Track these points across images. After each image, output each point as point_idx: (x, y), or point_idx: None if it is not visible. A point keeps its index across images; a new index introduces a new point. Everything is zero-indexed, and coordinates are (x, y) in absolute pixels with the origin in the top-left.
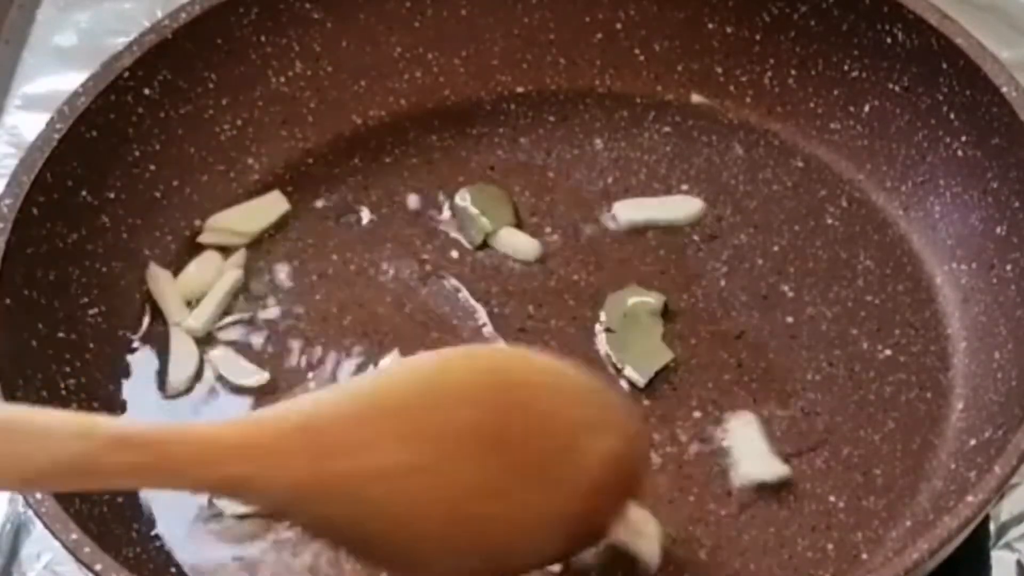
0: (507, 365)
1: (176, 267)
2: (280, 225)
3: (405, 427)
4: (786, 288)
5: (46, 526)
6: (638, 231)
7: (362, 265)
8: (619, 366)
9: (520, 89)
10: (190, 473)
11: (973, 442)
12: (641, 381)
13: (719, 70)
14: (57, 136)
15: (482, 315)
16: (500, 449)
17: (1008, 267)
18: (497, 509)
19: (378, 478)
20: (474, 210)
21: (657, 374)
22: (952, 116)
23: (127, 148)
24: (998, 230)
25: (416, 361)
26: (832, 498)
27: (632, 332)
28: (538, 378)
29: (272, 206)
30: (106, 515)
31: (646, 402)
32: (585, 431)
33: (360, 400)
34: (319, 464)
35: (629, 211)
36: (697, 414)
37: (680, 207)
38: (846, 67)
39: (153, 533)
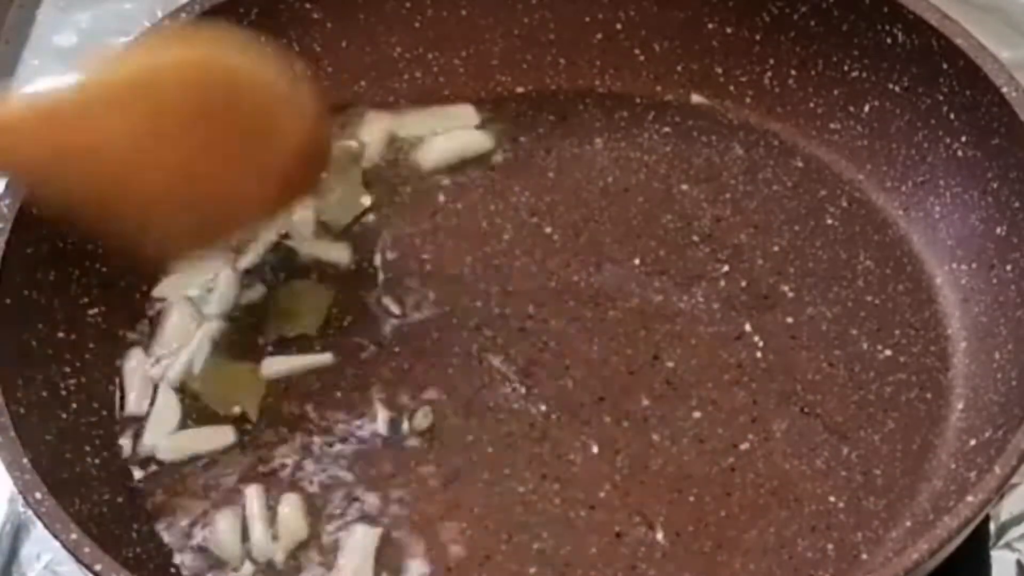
0: (217, 59)
1: None
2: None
3: (131, 108)
4: (786, 288)
5: (46, 526)
6: (638, 234)
7: (362, 265)
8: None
9: (520, 89)
10: None
11: (973, 442)
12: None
13: (719, 70)
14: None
15: (482, 314)
16: (210, 122)
17: (1008, 267)
18: (209, 171)
19: (106, 150)
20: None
21: (657, 375)
22: (952, 116)
23: None
24: (998, 230)
25: (139, 50)
26: (832, 498)
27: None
28: (242, 71)
29: None
30: (106, 515)
31: (645, 401)
32: (280, 122)
33: (90, 88)
34: (58, 138)
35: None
36: (697, 414)
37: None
38: (846, 67)
39: (153, 533)
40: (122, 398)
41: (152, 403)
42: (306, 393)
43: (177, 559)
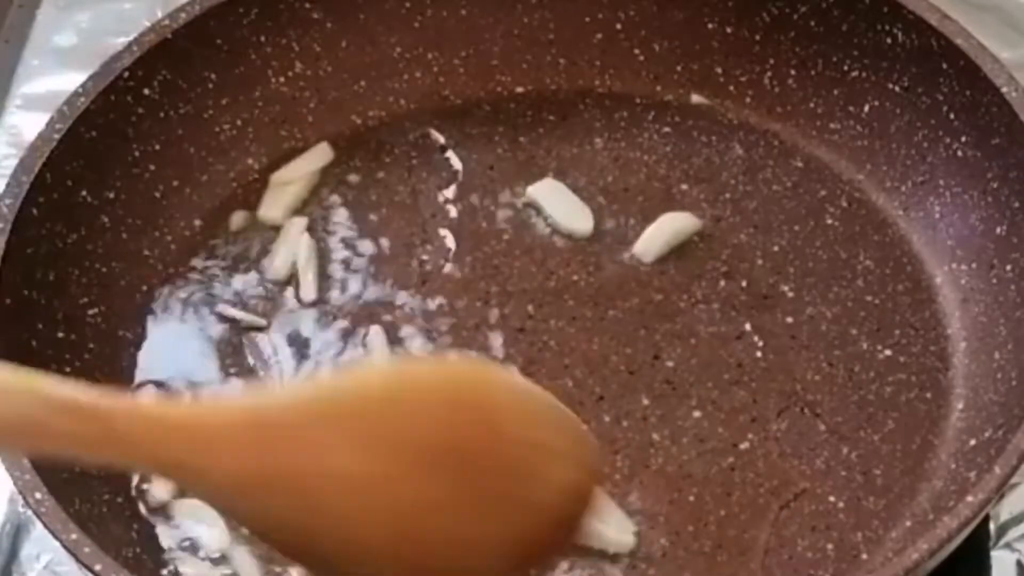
0: (475, 380)
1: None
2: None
3: (362, 434)
4: (786, 288)
5: (46, 526)
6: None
7: (361, 264)
8: None
9: (520, 89)
10: (131, 450)
11: (973, 442)
12: None
13: (719, 70)
14: (57, 136)
15: (481, 314)
16: (457, 466)
17: (1008, 267)
18: (445, 526)
19: (326, 481)
20: None
21: (657, 374)
22: (952, 116)
23: (127, 148)
24: (998, 230)
25: (381, 367)
26: (832, 498)
27: None
28: (506, 397)
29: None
30: (106, 515)
31: (645, 401)
32: (547, 458)
33: (320, 400)
34: (266, 458)
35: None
36: (697, 414)
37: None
38: (846, 67)
39: (153, 533)
40: None
41: None
42: None
43: (177, 559)
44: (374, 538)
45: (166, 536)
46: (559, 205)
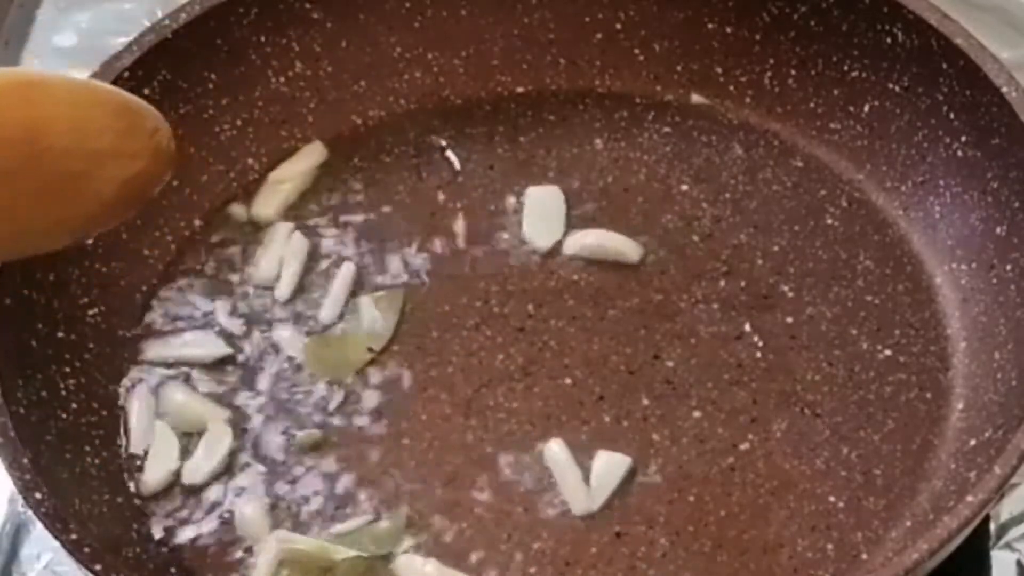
0: (16, 98)
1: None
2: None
3: None
4: (786, 288)
5: (46, 526)
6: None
7: (361, 264)
8: None
9: (520, 89)
10: None
11: (973, 442)
12: None
13: (719, 70)
14: None
15: (481, 314)
16: (15, 169)
17: (1008, 267)
18: (15, 218)
19: None
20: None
21: (657, 374)
22: (952, 116)
23: None
24: (998, 230)
25: None
26: (832, 498)
27: None
28: (50, 112)
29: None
30: (106, 515)
31: (645, 401)
32: (105, 159)
33: None
34: None
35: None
36: (697, 414)
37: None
38: (846, 67)
39: (153, 533)
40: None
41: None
42: None
43: (177, 559)
44: None
45: (166, 536)
46: (535, 215)
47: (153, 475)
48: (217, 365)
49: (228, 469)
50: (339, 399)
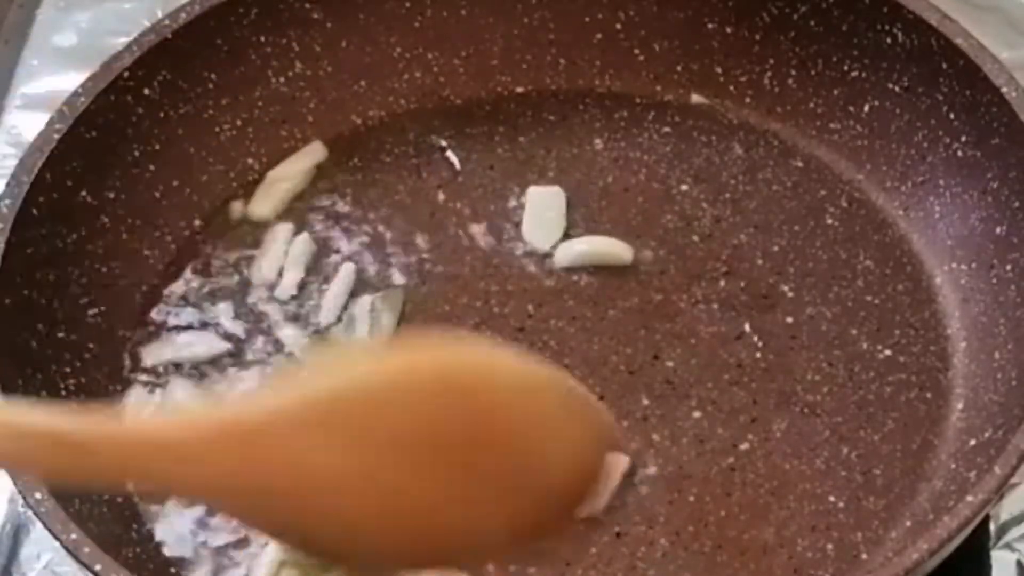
0: (468, 366)
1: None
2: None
3: (344, 431)
4: (786, 288)
5: (46, 526)
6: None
7: (361, 264)
8: None
9: (520, 89)
10: (114, 473)
11: (973, 442)
12: None
13: (719, 70)
14: (57, 136)
15: (481, 314)
16: (448, 454)
17: (1008, 267)
18: (439, 512)
19: (316, 483)
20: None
21: (657, 374)
22: (952, 116)
23: (127, 148)
24: (998, 230)
25: (365, 361)
26: (832, 498)
27: None
28: (503, 382)
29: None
30: (106, 515)
31: (645, 401)
32: (553, 442)
33: (302, 401)
34: (249, 465)
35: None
36: (697, 414)
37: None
38: (846, 67)
39: (153, 533)
40: None
41: None
42: None
43: (178, 559)
44: (366, 531)
45: (166, 536)
46: (536, 215)
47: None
48: (218, 365)
49: None
50: None
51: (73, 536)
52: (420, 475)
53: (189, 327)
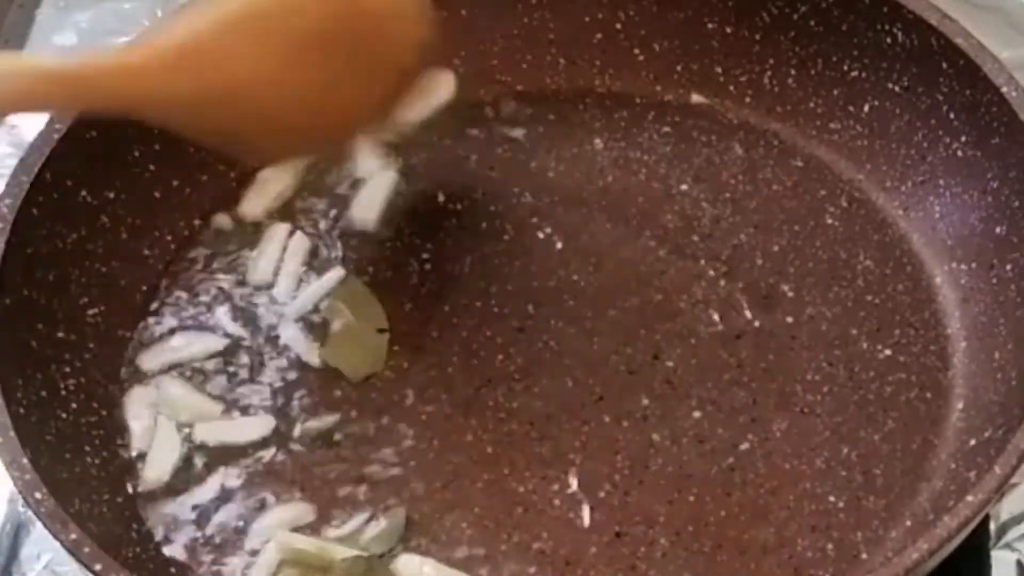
0: None
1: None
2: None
3: (263, 38)
4: (786, 288)
5: (46, 526)
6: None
7: (362, 264)
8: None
9: (520, 89)
10: (98, 98)
11: (973, 442)
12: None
13: (719, 70)
14: (57, 136)
15: (481, 314)
16: (338, 45)
17: (1008, 267)
18: (330, 88)
19: (243, 87)
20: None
21: (657, 374)
22: (952, 116)
23: (127, 148)
24: (998, 230)
25: None
26: (832, 498)
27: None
28: None
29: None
30: (106, 515)
31: (645, 401)
32: (395, 22)
33: (225, 18)
34: (193, 77)
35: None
36: (697, 414)
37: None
38: (846, 67)
39: (153, 533)
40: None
41: (152, 439)
42: None
43: (177, 559)
44: (274, 111)
45: (166, 536)
46: None
47: (153, 473)
48: (218, 364)
49: None
50: (339, 399)
51: (73, 536)
52: (319, 66)
53: (188, 327)
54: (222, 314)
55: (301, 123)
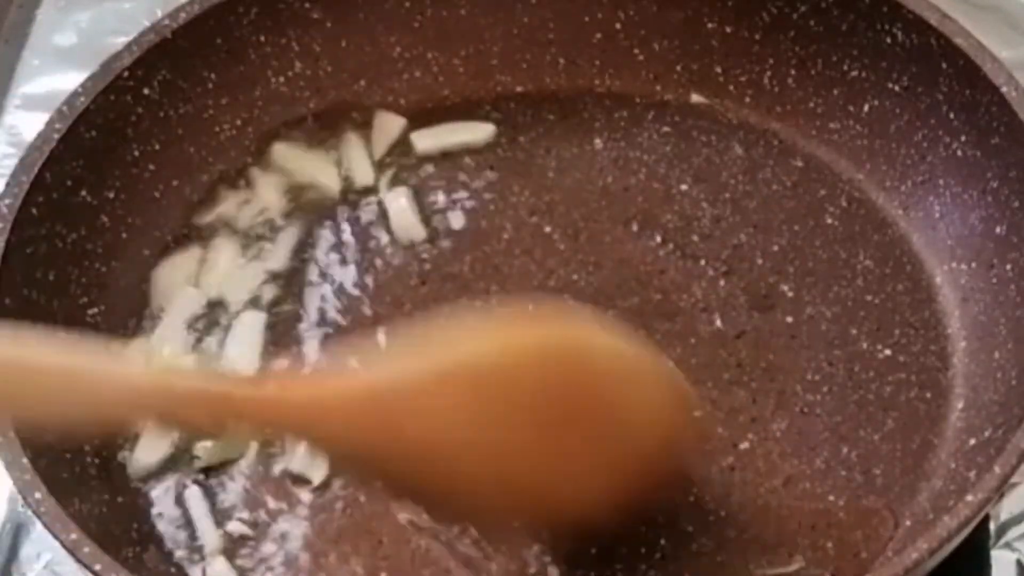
0: (570, 339)
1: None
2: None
3: (466, 398)
4: (786, 288)
5: (46, 526)
6: (636, 232)
7: (361, 264)
8: None
9: (520, 89)
10: (260, 428)
11: (973, 442)
12: None
13: (719, 70)
14: (57, 136)
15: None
16: (557, 423)
17: (1008, 267)
18: (548, 469)
19: (434, 440)
20: None
21: None
22: (952, 116)
23: (127, 148)
24: (998, 230)
25: (487, 332)
26: (832, 498)
27: None
28: (598, 353)
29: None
30: (106, 515)
31: None
32: (641, 411)
33: (428, 368)
34: (380, 426)
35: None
36: (697, 414)
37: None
38: (846, 67)
39: (153, 533)
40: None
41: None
42: None
43: (177, 559)
44: (481, 490)
45: (166, 536)
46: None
47: (146, 460)
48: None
49: None
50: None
51: (73, 536)
52: (527, 438)
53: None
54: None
55: (500, 496)
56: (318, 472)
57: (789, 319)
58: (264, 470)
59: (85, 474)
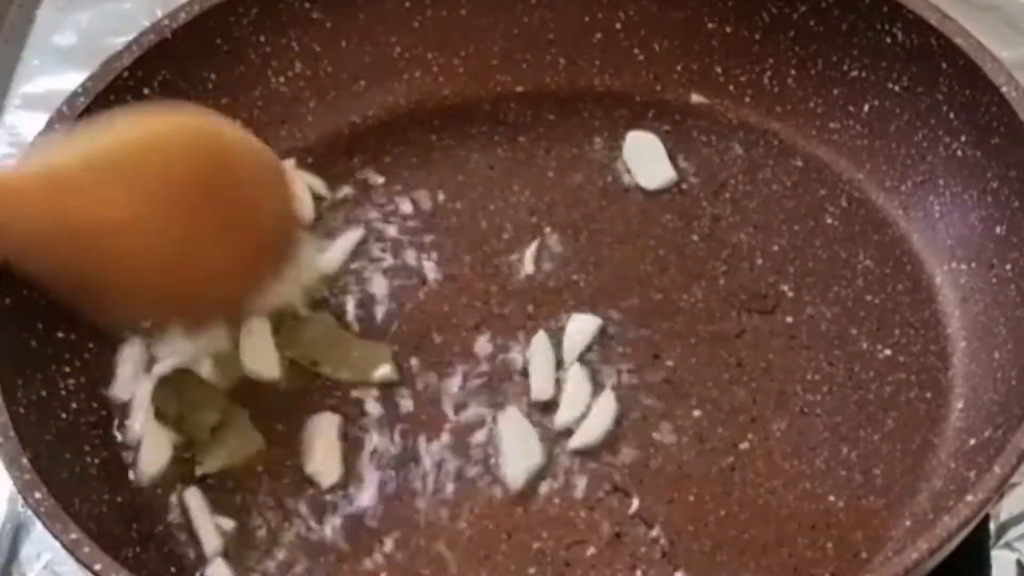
0: (210, 129)
1: None
2: None
3: (133, 184)
4: (786, 288)
5: (46, 526)
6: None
7: (362, 264)
8: None
9: (520, 89)
10: None
11: (973, 442)
12: None
13: (719, 70)
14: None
15: (482, 314)
16: (206, 204)
17: (1008, 267)
18: (199, 257)
19: (109, 230)
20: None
21: (657, 374)
22: (952, 116)
23: None
24: (998, 230)
25: (140, 122)
26: (832, 498)
27: None
28: (234, 143)
29: None
30: (106, 515)
31: (647, 401)
32: (265, 192)
33: (96, 157)
34: (57, 211)
35: None
36: (697, 413)
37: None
38: (846, 67)
39: (153, 533)
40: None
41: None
42: None
43: (177, 559)
44: (146, 275)
45: (166, 536)
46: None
47: (150, 467)
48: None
49: None
50: (339, 398)
51: (73, 536)
52: (180, 218)
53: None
54: None
55: (163, 280)
56: (327, 477)
57: (789, 319)
58: (265, 471)
59: (85, 474)
